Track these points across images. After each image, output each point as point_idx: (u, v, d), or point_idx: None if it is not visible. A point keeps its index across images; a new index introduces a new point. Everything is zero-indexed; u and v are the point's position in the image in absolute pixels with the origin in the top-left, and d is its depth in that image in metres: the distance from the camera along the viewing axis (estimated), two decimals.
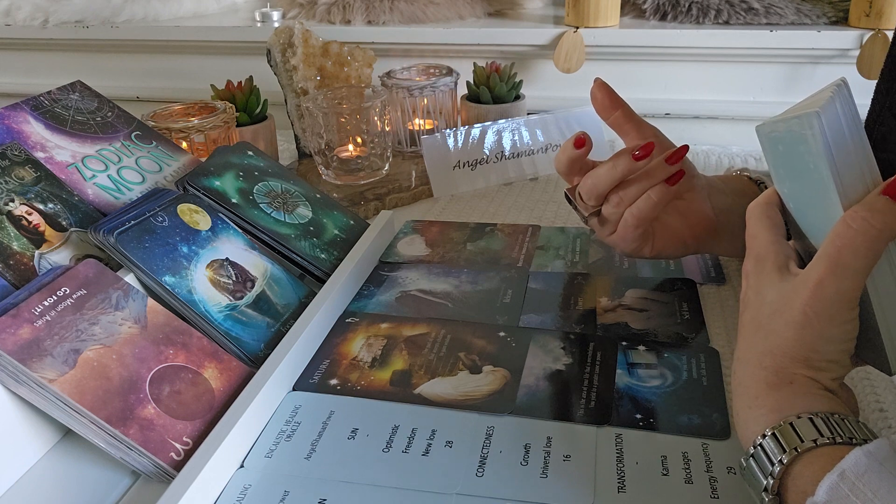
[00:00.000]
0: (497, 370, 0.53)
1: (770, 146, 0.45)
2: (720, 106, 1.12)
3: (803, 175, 0.42)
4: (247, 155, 0.71)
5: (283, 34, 0.90)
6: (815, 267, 0.38)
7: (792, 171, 0.43)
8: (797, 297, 0.38)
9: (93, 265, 0.52)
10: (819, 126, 0.38)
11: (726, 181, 0.62)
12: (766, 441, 0.36)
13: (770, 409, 0.37)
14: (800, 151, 0.41)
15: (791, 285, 0.39)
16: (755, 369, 0.39)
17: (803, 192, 0.43)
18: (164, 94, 1.27)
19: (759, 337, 0.40)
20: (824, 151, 0.38)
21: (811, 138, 0.38)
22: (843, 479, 0.32)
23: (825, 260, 0.37)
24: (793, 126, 0.40)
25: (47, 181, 0.59)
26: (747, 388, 0.39)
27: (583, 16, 1.09)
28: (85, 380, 0.45)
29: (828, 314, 0.37)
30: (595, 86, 0.58)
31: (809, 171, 0.40)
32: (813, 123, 0.38)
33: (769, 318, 0.40)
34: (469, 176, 0.88)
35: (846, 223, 0.36)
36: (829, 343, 0.38)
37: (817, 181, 0.40)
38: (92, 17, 1.28)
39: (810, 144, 0.39)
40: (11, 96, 1.26)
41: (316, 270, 0.64)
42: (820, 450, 0.35)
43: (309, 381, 0.53)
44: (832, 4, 1.08)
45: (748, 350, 0.41)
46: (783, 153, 0.43)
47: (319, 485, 0.44)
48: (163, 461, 0.44)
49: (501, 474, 0.44)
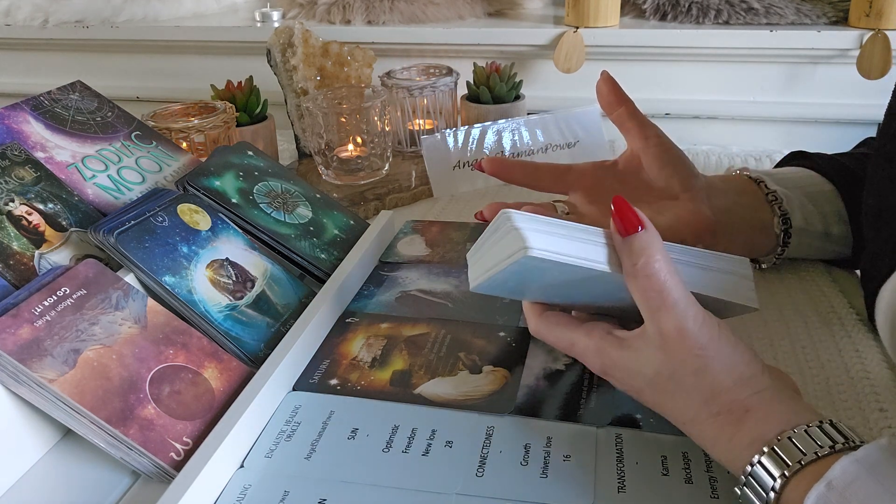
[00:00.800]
0: (497, 370, 0.53)
1: (498, 288, 0.47)
2: (720, 106, 1.12)
3: (549, 283, 0.45)
4: (247, 155, 0.71)
5: (283, 34, 0.90)
6: (657, 323, 0.40)
7: (535, 286, 0.46)
8: (675, 354, 0.40)
9: (93, 265, 0.52)
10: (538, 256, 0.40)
11: (726, 181, 0.62)
12: (756, 469, 0.36)
13: (749, 443, 0.37)
14: (535, 275, 0.44)
15: (655, 350, 0.41)
16: (710, 420, 0.39)
17: (559, 289, 0.46)
18: (164, 94, 1.27)
19: (681, 400, 0.41)
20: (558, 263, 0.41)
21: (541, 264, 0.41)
22: (830, 489, 0.32)
23: (659, 313, 0.40)
24: (513, 268, 0.42)
25: (47, 181, 0.59)
26: (716, 439, 0.39)
27: (583, 16, 1.09)
28: (85, 380, 0.45)
29: (707, 339, 0.39)
30: (601, 79, 0.57)
31: (554, 278, 0.43)
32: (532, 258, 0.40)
33: (671, 382, 0.41)
34: (469, 176, 0.88)
35: (643, 275, 0.40)
36: (734, 353, 0.40)
37: (571, 276, 0.43)
38: (92, 17, 1.28)
39: (544, 268, 0.42)
40: (11, 96, 1.26)
41: (316, 270, 0.64)
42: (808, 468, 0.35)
43: (309, 381, 0.53)
44: (832, 4, 1.08)
45: (685, 413, 0.41)
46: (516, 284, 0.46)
47: (319, 485, 0.44)
48: (163, 461, 0.44)
49: (501, 474, 0.44)
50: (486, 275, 0.45)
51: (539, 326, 0.49)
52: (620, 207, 0.41)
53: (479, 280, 0.47)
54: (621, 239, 0.41)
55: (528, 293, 0.49)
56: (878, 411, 0.48)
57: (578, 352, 0.47)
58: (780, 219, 0.60)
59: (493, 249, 0.44)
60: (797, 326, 0.58)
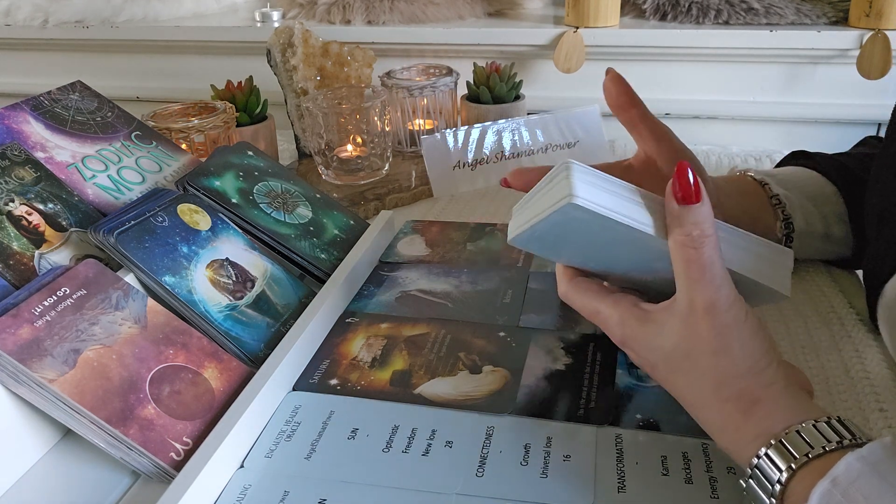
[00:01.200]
0: (497, 370, 0.53)
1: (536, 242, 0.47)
2: (720, 106, 1.12)
3: (589, 240, 0.44)
4: (247, 155, 0.71)
5: (283, 34, 0.90)
6: (691, 294, 0.39)
7: (573, 243, 0.45)
8: (699, 329, 0.39)
9: (93, 265, 0.52)
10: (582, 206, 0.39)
11: (730, 182, 0.62)
12: (762, 462, 0.36)
13: (755, 435, 0.37)
14: (575, 228, 0.43)
15: (680, 323, 0.40)
16: (719, 405, 0.39)
17: (597, 249, 0.45)
18: (164, 94, 1.27)
19: (693, 379, 0.41)
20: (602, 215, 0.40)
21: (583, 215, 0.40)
22: (835, 485, 0.33)
23: (696, 284, 0.39)
24: (555, 218, 0.41)
25: (47, 181, 0.59)
26: (723, 426, 0.40)
27: (583, 16, 1.09)
28: (85, 380, 0.45)
29: (733, 320, 0.39)
30: (609, 78, 0.54)
31: (595, 234, 0.42)
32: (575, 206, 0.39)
33: (687, 360, 0.40)
34: (469, 176, 0.88)
35: (692, 246, 0.39)
36: (755, 339, 0.39)
37: (610, 237, 0.42)
38: (92, 17, 1.28)
39: (585, 219, 0.41)
40: (11, 96, 1.26)
41: (316, 270, 0.64)
42: (813, 462, 0.35)
43: (309, 381, 0.53)
44: (832, 4, 1.08)
45: (694, 394, 0.41)
46: (556, 237, 0.45)
47: (319, 485, 0.44)
48: (163, 461, 0.44)
49: (501, 474, 0.44)
50: (527, 224, 0.44)
51: (568, 290, 0.49)
52: (682, 174, 0.40)
53: (519, 230, 0.46)
54: (677, 207, 0.40)
55: (564, 253, 0.48)
56: (878, 411, 0.48)
57: (602, 320, 0.47)
58: (783, 223, 0.60)
59: (542, 199, 0.43)
60: (797, 326, 0.58)
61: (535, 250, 0.49)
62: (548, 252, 0.50)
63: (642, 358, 0.45)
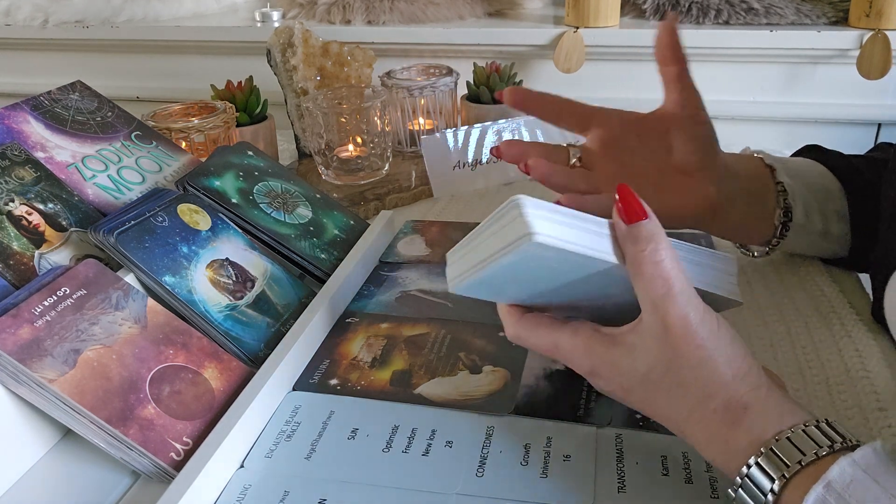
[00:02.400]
0: (497, 370, 0.53)
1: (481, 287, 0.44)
2: (720, 106, 1.12)
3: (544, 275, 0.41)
4: (247, 155, 0.71)
5: (283, 34, 0.90)
6: (661, 312, 0.38)
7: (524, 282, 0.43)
8: (677, 347, 0.38)
9: (93, 265, 0.52)
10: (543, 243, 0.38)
11: (740, 161, 0.60)
12: (753, 471, 0.36)
13: (747, 444, 0.37)
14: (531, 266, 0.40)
15: (655, 342, 0.39)
16: (706, 418, 0.38)
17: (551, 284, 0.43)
18: (164, 94, 1.27)
19: (676, 396, 0.39)
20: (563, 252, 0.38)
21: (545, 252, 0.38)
22: (829, 490, 0.32)
23: (664, 301, 0.38)
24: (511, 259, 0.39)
25: (47, 181, 0.59)
26: (710, 439, 0.38)
27: (583, 16, 1.09)
28: (85, 380, 0.45)
29: (709, 332, 0.38)
30: (664, 26, 0.52)
31: (551, 269, 0.40)
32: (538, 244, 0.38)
33: (667, 377, 0.39)
34: (469, 176, 0.88)
35: (650, 262, 0.38)
36: (731, 347, 0.39)
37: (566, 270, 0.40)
38: (92, 17, 1.28)
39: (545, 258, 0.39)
40: (11, 96, 1.26)
41: (316, 270, 0.64)
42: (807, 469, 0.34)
43: (309, 381, 0.53)
44: (832, 4, 1.08)
45: (679, 411, 0.39)
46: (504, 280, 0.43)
47: (319, 485, 0.44)
48: (163, 461, 0.44)
49: (501, 474, 0.44)
50: (473, 270, 0.42)
51: (518, 330, 0.46)
52: (625, 195, 0.40)
53: (463, 277, 0.43)
54: (625, 227, 0.39)
55: (510, 292, 0.46)
56: (877, 411, 0.48)
57: (564, 353, 0.44)
58: (782, 211, 0.59)
59: (490, 240, 0.42)
60: (797, 326, 0.58)
61: (478, 295, 0.46)
62: (493, 294, 0.47)
63: (614, 384, 0.42)
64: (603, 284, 0.42)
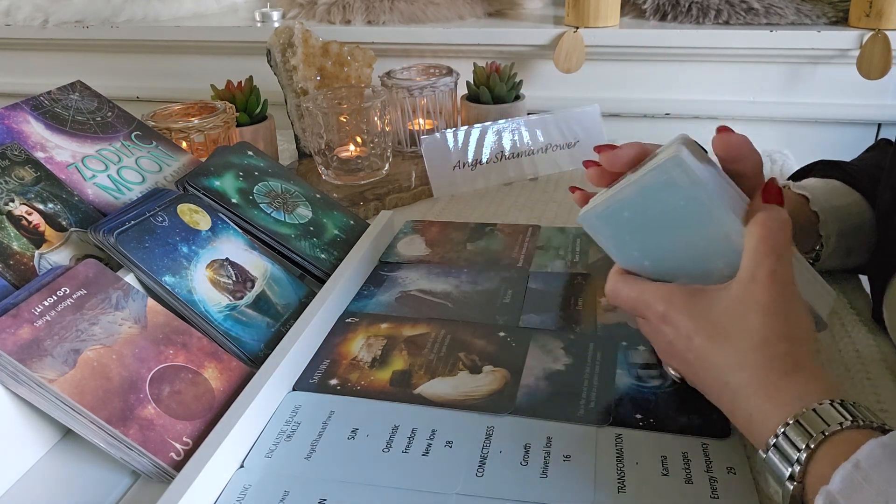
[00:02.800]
0: (497, 370, 0.53)
1: (608, 221, 0.48)
2: (720, 106, 1.12)
3: (667, 219, 0.45)
4: (247, 155, 0.71)
5: (283, 34, 0.90)
6: (754, 267, 0.42)
7: (646, 226, 0.47)
8: (756, 292, 0.41)
9: (93, 265, 0.52)
10: (686, 163, 0.43)
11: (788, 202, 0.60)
12: (791, 429, 0.37)
13: (792, 398, 0.38)
14: (663, 198, 0.45)
15: (737, 290, 0.42)
16: (762, 363, 0.40)
17: (667, 236, 0.46)
18: (164, 94, 1.27)
19: (737, 342, 0.41)
20: (698, 181, 0.43)
21: (681, 176, 0.43)
22: (857, 468, 0.33)
23: (766, 258, 0.41)
24: (655, 176, 0.44)
25: (47, 181, 0.59)
26: (758, 387, 0.40)
27: (583, 16, 1.09)
28: (85, 380, 0.45)
29: (790, 293, 0.41)
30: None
31: (679, 208, 0.45)
32: (680, 163, 0.43)
33: (736, 322, 0.41)
34: (469, 176, 0.88)
35: (766, 226, 0.42)
36: (803, 317, 0.42)
37: (691, 213, 0.44)
38: (92, 17, 1.28)
39: (680, 184, 0.44)
40: (11, 96, 1.26)
41: (316, 270, 0.64)
42: (842, 434, 0.35)
43: (309, 381, 0.53)
44: (832, 4, 1.08)
45: (736, 356, 0.41)
46: (630, 217, 0.47)
47: (319, 485, 0.44)
48: (163, 461, 0.44)
49: (501, 474, 0.44)
50: (613, 196, 0.46)
51: (616, 282, 0.49)
52: (773, 188, 0.44)
53: (601, 205, 0.47)
54: (762, 203, 0.44)
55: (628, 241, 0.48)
56: (878, 412, 0.48)
57: (645, 299, 0.47)
58: (814, 255, 0.60)
59: (640, 171, 0.46)
60: None
61: (597, 232, 0.49)
62: (607, 230, 0.49)
63: (680, 330, 0.44)
64: (711, 248, 0.45)
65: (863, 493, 0.32)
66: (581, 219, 0.49)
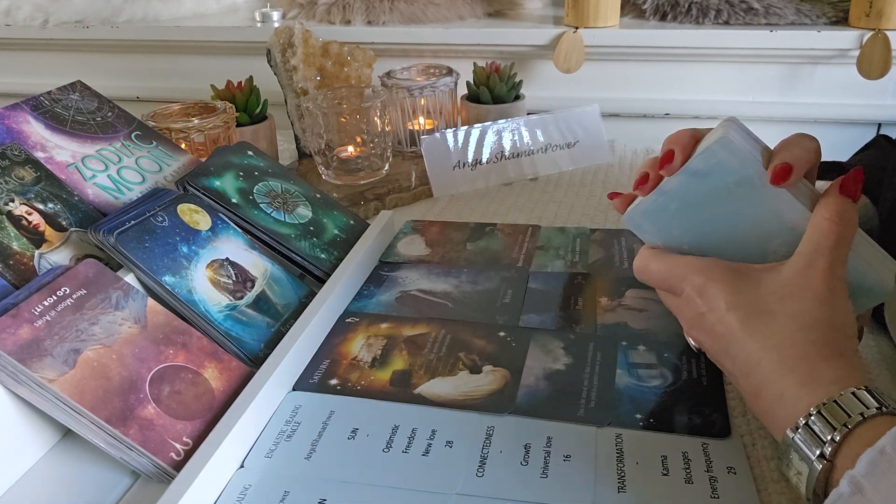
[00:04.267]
0: (497, 370, 0.53)
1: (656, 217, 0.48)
2: (720, 106, 1.12)
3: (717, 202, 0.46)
4: (247, 155, 0.71)
5: (283, 34, 0.90)
6: (812, 256, 0.42)
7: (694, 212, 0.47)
8: (812, 280, 0.41)
9: (93, 265, 0.52)
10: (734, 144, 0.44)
11: None
12: (826, 409, 0.37)
13: (831, 381, 0.38)
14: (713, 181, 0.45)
15: (790, 276, 0.42)
16: (803, 343, 0.40)
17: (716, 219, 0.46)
18: (164, 94, 1.27)
19: (781, 320, 0.41)
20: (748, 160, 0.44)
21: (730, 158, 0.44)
22: (882, 454, 0.33)
23: (830, 249, 0.42)
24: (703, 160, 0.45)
25: (47, 181, 0.59)
26: (797, 364, 0.40)
27: (583, 16, 1.09)
28: (85, 380, 0.45)
29: (840, 288, 0.42)
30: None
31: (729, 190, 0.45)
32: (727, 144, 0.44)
33: (782, 303, 0.42)
34: (469, 176, 0.88)
35: (831, 222, 0.42)
36: (847, 310, 0.42)
37: (742, 195, 0.45)
38: (92, 17, 1.28)
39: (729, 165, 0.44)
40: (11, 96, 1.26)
41: (316, 270, 0.64)
42: (877, 419, 0.36)
43: (309, 381, 0.53)
44: (832, 4, 1.08)
45: (775, 336, 0.41)
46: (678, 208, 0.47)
47: (319, 485, 0.44)
48: (163, 461, 0.44)
49: (501, 474, 0.44)
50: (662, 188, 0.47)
51: (647, 258, 0.49)
52: (856, 179, 0.44)
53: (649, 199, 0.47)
54: (843, 197, 0.43)
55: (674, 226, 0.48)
56: None
57: (678, 272, 0.46)
58: None
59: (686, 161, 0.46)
60: None
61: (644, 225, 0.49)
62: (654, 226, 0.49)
63: (716, 301, 0.43)
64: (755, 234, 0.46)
65: (887, 478, 0.32)
66: (626, 218, 0.49)
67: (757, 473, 0.44)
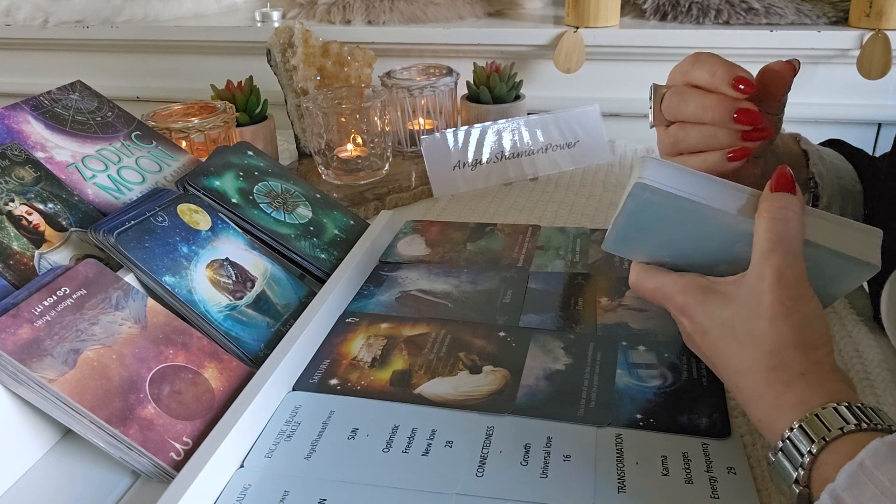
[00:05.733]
0: (497, 370, 0.53)
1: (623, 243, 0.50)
2: None
3: (669, 226, 0.46)
4: (247, 155, 0.71)
5: (283, 34, 0.90)
6: (764, 263, 0.41)
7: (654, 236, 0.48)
8: (764, 296, 0.41)
9: (93, 265, 0.52)
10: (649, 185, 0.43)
11: (780, 138, 0.61)
12: (795, 433, 0.37)
13: (794, 405, 0.38)
14: (651, 214, 0.46)
15: (747, 290, 0.42)
16: (763, 374, 0.40)
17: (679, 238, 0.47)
18: (164, 94, 1.27)
19: (745, 347, 0.41)
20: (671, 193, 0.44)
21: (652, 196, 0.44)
22: (861, 467, 0.33)
23: (772, 254, 0.41)
24: (632, 203, 0.45)
25: (47, 181, 0.59)
26: (763, 394, 0.40)
27: (583, 16, 1.09)
28: (85, 380, 0.45)
29: (798, 295, 0.40)
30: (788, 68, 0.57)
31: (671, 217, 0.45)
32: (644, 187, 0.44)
33: (744, 325, 0.41)
34: (469, 176, 0.88)
35: (778, 218, 0.42)
36: (815, 319, 0.40)
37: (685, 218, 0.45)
38: (92, 17, 1.28)
39: (655, 201, 0.44)
40: (11, 96, 1.26)
41: (316, 270, 0.64)
42: (846, 437, 0.36)
43: (309, 381, 0.53)
44: (832, 4, 1.08)
45: (742, 361, 0.41)
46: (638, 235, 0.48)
47: (319, 485, 0.44)
48: (163, 461, 0.44)
49: (501, 474, 0.44)
50: (611, 225, 0.48)
51: (639, 274, 0.50)
52: (783, 174, 0.44)
53: (609, 234, 0.49)
54: (770, 193, 0.43)
55: (642, 248, 0.50)
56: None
57: (665, 291, 0.48)
58: (810, 197, 0.60)
59: (621, 198, 0.46)
60: None
61: (624, 252, 0.52)
62: (630, 250, 0.51)
63: (696, 324, 0.45)
64: (722, 240, 0.45)
65: (867, 490, 0.32)
66: (604, 247, 0.51)
67: (757, 473, 0.44)
